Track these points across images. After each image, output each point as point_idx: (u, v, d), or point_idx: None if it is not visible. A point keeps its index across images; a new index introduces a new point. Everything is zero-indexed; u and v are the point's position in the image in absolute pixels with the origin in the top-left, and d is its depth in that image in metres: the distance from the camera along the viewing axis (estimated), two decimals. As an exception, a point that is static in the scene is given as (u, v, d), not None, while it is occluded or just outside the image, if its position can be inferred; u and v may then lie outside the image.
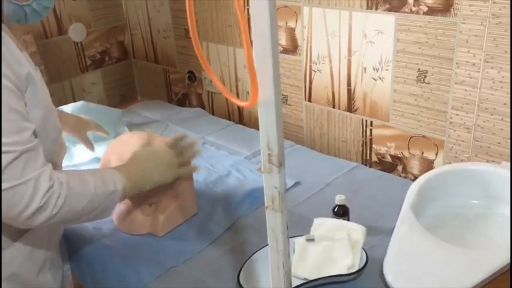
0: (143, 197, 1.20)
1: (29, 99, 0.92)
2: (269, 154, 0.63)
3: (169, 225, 1.26)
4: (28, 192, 0.87)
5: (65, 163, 1.36)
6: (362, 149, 1.66)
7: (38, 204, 0.88)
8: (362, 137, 1.64)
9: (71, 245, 1.26)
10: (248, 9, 1.47)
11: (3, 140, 0.84)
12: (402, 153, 1.56)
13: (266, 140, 0.63)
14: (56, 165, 1.06)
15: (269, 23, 0.58)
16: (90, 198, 0.97)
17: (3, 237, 0.98)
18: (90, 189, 0.97)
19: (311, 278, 1.04)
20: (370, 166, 1.63)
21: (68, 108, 1.67)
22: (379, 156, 1.63)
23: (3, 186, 0.85)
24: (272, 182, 0.64)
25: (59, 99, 2.02)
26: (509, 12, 1.21)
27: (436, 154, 1.48)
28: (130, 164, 1.12)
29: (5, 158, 0.85)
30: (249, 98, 0.64)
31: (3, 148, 0.85)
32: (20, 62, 0.90)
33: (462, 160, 1.42)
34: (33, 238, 1.03)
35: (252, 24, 0.60)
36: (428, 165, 1.51)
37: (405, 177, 1.56)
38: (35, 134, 0.92)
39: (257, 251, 1.10)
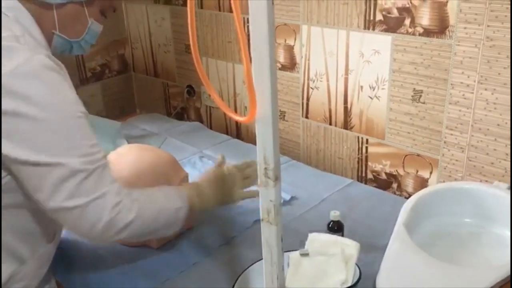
0: None
1: None
2: (265, 168, 0.65)
3: (165, 237, 1.26)
4: (99, 207, 0.91)
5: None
6: (358, 166, 1.68)
7: (108, 218, 0.91)
8: (358, 154, 1.67)
9: (65, 257, 1.26)
10: (248, 27, 1.49)
11: (81, 159, 0.89)
12: (397, 171, 1.58)
13: (263, 154, 0.65)
14: None
15: (267, 41, 0.60)
16: (158, 212, 1.01)
17: (21, 252, 1.00)
18: (158, 204, 1.01)
19: (304, 293, 1.04)
20: (366, 183, 1.65)
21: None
22: (374, 174, 1.64)
23: (80, 202, 0.89)
24: (268, 195, 0.65)
25: (59, 110, 2.03)
26: (503, 35, 1.24)
27: (431, 172, 1.50)
28: (202, 183, 1.15)
29: (80, 176, 0.89)
30: (247, 114, 0.66)
31: (81, 167, 0.89)
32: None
33: (456, 179, 1.44)
34: (45, 255, 1.06)
35: (251, 42, 0.62)
36: (422, 183, 1.53)
37: (400, 195, 1.58)
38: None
39: (252, 265, 1.11)
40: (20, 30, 0.91)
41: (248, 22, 0.63)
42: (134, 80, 2.39)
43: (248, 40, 0.64)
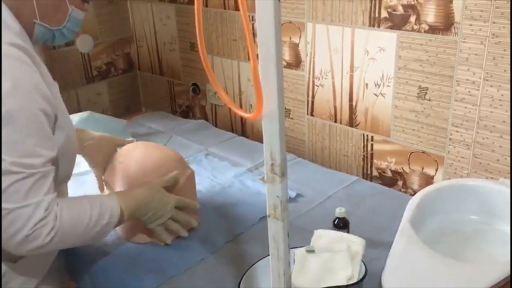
0: None
1: (55, 126, 0.97)
2: (271, 164, 0.66)
3: (172, 233, 1.27)
4: (24, 217, 0.89)
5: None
6: (363, 164, 1.68)
7: (27, 232, 0.89)
8: (363, 151, 1.67)
9: (73, 254, 1.27)
10: (253, 24, 1.50)
11: (16, 159, 0.87)
12: (402, 168, 1.58)
13: (270, 151, 0.66)
14: (67, 181, 1.09)
15: (274, 38, 0.61)
16: (83, 230, 0.99)
17: (8, 255, 0.98)
18: (84, 222, 0.98)
19: (310, 289, 1.05)
20: (371, 181, 1.65)
21: (74, 118, 1.70)
22: (379, 171, 1.65)
23: (7, 206, 0.87)
24: (274, 191, 0.66)
25: (65, 109, 2.05)
26: (509, 32, 1.24)
27: (436, 170, 1.50)
28: (131, 194, 1.13)
29: (12, 178, 0.87)
30: (253, 111, 0.66)
31: (13, 168, 0.86)
32: (52, 91, 0.95)
33: (461, 176, 1.44)
34: (38, 255, 1.04)
35: (257, 39, 0.63)
36: (428, 180, 1.53)
37: (405, 192, 1.58)
38: (52, 161, 0.94)
39: (258, 261, 1.11)
40: None
41: (253, 20, 0.64)
42: (140, 78, 2.40)
43: (254, 37, 0.64)
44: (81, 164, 1.61)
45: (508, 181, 1.24)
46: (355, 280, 1.06)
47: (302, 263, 1.11)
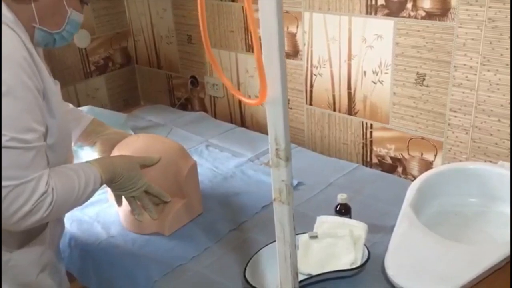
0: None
1: (45, 108, 0.96)
2: (276, 149, 0.67)
3: (176, 224, 1.29)
4: (27, 192, 0.89)
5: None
6: (363, 151, 1.70)
7: (30, 207, 0.90)
8: (363, 139, 1.68)
9: (77, 246, 1.29)
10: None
11: (15, 135, 0.87)
12: (402, 154, 1.60)
13: (274, 136, 0.67)
14: None
15: (277, 27, 0.62)
16: (74, 199, 1.01)
17: (10, 242, 1.00)
18: (74, 192, 1.00)
19: (315, 274, 1.07)
20: (371, 168, 1.67)
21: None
22: (379, 158, 1.66)
23: (10, 183, 0.87)
24: (279, 175, 0.67)
25: (64, 104, 2.05)
26: (504, 16, 1.25)
27: (435, 155, 1.52)
28: (109, 163, 1.14)
29: (13, 153, 0.87)
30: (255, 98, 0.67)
31: (12, 143, 0.87)
32: (42, 76, 0.95)
33: (460, 161, 1.46)
34: (39, 243, 1.06)
35: (260, 28, 0.64)
36: (427, 166, 1.54)
37: (405, 178, 1.59)
38: (44, 137, 0.96)
39: (262, 248, 1.13)
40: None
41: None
42: (138, 72, 2.40)
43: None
44: (84, 158, 1.63)
45: (507, 163, 1.26)
46: (358, 264, 1.08)
47: (305, 248, 1.14)
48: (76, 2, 1.03)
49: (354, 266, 1.07)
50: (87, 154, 1.64)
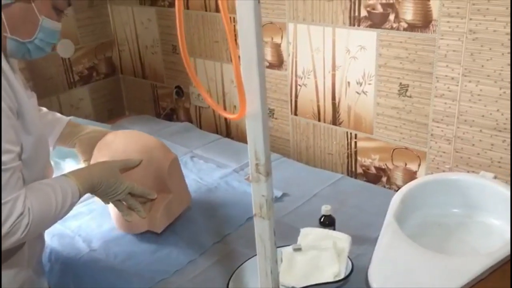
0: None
1: (19, 126, 0.95)
2: (256, 164, 0.66)
3: (167, 219, 1.28)
4: (4, 214, 0.88)
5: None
6: (348, 161, 1.70)
7: (7, 229, 0.89)
8: (347, 149, 1.69)
9: (57, 260, 1.26)
10: (235, 25, 1.51)
11: None
12: (386, 164, 1.61)
13: (254, 151, 0.66)
14: None
15: (255, 39, 0.61)
16: (52, 216, 0.99)
17: None
18: (52, 210, 0.98)
19: (298, 287, 1.06)
20: (355, 178, 1.67)
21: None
22: (364, 168, 1.67)
23: None
24: (260, 190, 0.67)
25: (47, 115, 2.03)
26: (485, 28, 1.27)
27: (419, 165, 1.53)
28: (87, 175, 1.11)
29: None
30: (237, 112, 0.67)
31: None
32: (16, 94, 0.93)
33: (443, 171, 1.47)
34: (16, 262, 1.04)
35: (239, 40, 0.63)
36: (411, 176, 1.55)
37: (389, 188, 1.60)
38: (19, 156, 0.94)
39: (246, 261, 1.12)
40: None
41: (234, 21, 0.64)
42: (122, 82, 2.39)
43: (236, 38, 0.65)
44: (65, 170, 1.61)
45: (489, 174, 1.27)
46: (342, 277, 1.07)
47: (289, 261, 1.13)
48: (48, 8, 0.99)
49: (338, 279, 1.07)
50: (69, 166, 1.62)
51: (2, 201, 0.87)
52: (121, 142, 1.28)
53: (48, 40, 1.01)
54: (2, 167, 0.88)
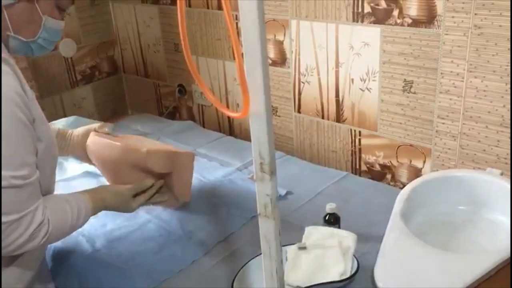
0: None
1: (34, 135, 0.96)
2: (261, 163, 0.66)
3: (184, 188, 1.34)
4: (24, 225, 0.92)
5: (58, 177, 1.37)
6: (352, 159, 1.69)
7: (27, 237, 0.92)
8: (351, 146, 1.67)
9: (62, 259, 1.26)
10: (237, 23, 1.50)
11: (14, 173, 0.89)
12: (390, 162, 1.59)
13: (258, 150, 0.65)
14: (50, 190, 1.10)
15: (259, 37, 0.60)
16: (68, 228, 1.05)
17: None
18: (68, 222, 1.03)
19: (303, 286, 1.05)
20: (360, 175, 1.66)
21: (60, 122, 1.68)
22: (368, 165, 1.65)
23: (8, 219, 0.89)
24: (264, 189, 0.66)
25: (50, 114, 2.02)
26: (490, 23, 1.25)
27: (424, 162, 1.52)
28: (100, 199, 1.16)
29: (12, 191, 0.89)
30: (240, 110, 0.66)
31: (13, 181, 0.88)
32: (30, 102, 0.95)
33: (449, 168, 1.45)
34: (25, 262, 1.05)
35: (242, 38, 0.62)
36: (416, 173, 1.54)
37: (394, 186, 1.59)
38: (36, 165, 0.96)
39: (250, 260, 1.11)
40: None
41: (237, 18, 0.63)
42: (125, 81, 2.38)
43: (238, 36, 0.64)
44: (68, 170, 1.61)
45: (496, 170, 1.26)
46: (347, 275, 1.06)
47: (294, 260, 1.12)
48: (51, 8, 0.99)
49: (343, 278, 1.06)
50: (72, 166, 1.62)
51: (24, 213, 0.91)
52: (96, 154, 1.30)
53: (51, 39, 1.02)
54: (25, 181, 0.91)
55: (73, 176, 1.57)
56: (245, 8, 0.58)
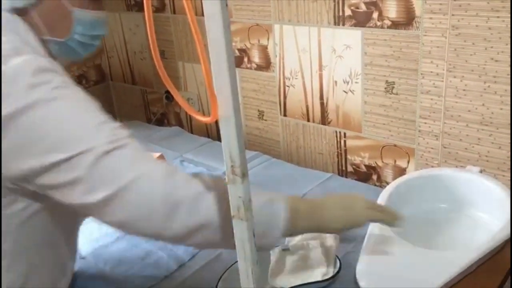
0: None
1: None
2: (232, 166, 0.66)
3: None
4: (145, 183, 0.79)
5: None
6: (338, 160, 1.70)
7: (161, 192, 0.79)
8: (337, 148, 1.69)
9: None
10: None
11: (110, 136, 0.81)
12: (375, 162, 1.61)
13: (229, 153, 0.66)
14: None
15: (223, 38, 0.61)
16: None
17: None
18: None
19: (287, 287, 1.06)
20: (346, 177, 1.67)
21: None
22: (354, 166, 1.67)
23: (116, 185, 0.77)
24: (236, 192, 0.67)
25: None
26: (467, 23, 1.27)
27: (408, 162, 1.53)
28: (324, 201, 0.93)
29: (123, 153, 0.80)
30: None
31: (117, 143, 0.80)
32: None
33: (432, 167, 1.47)
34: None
35: (208, 41, 0.64)
36: (401, 173, 1.55)
37: (380, 186, 1.60)
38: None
39: (234, 264, 1.12)
40: (18, 41, 0.80)
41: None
42: (112, 89, 2.39)
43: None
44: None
45: (475, 168, 1.27)
46: (330, 275, 1.07)
47: (278, 262, 1.13)
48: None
49: (325, 278, 1.07)
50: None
51: (130, 177, 0.78)
52: None
53: (89, 33, 0.92)
54: (121, 142, 0.82)
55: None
56: (208, 9, 0.59)
